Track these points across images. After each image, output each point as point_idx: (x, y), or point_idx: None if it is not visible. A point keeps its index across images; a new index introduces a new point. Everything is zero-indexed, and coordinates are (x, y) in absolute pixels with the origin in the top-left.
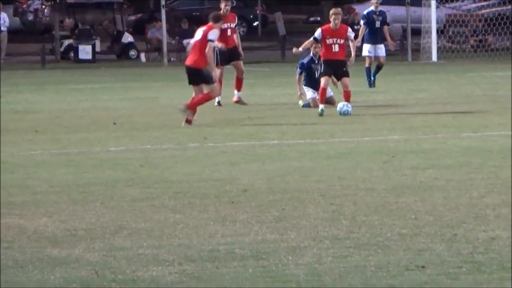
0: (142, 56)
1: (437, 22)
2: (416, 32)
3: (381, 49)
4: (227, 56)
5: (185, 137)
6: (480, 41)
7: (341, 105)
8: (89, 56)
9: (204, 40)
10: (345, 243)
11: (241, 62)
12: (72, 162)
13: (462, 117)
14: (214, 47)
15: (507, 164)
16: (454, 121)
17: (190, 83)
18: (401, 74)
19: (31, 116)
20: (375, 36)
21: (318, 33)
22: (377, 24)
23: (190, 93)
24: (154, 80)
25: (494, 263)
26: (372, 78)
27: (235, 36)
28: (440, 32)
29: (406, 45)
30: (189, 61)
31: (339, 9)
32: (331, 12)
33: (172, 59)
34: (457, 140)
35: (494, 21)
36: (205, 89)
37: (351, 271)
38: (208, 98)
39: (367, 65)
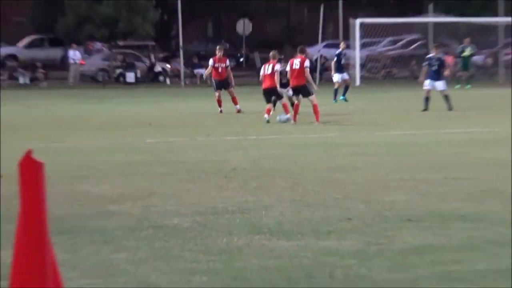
0: (167, 80)
1: (360, 59)
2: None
3: (345, 75)
4: (220, 85)
5: (195, 132)
6: (388, 72)
7: (282, 116)
8: (133, 80)
9: (302, 67)
10: (299, 203)
11: (231, 89)
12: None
13: (377, 121)
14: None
15: (406, 152)
16: (371, 123)
17: (299, 94)
18: (337, 94)
19: (95, 119)
20: (341, 69)
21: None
22: (342, 60)
23: (193, 106)
24: (174, 95)
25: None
26: (343, 97)
27: (228, 72)
28: (362, 65)
29: None
30: (292, 83)
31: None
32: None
33: (186, 82)
34: (376, 137)
35: (397, 59)
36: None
37: (304, 221)
38: (315, 105)
39: (335, 87)
